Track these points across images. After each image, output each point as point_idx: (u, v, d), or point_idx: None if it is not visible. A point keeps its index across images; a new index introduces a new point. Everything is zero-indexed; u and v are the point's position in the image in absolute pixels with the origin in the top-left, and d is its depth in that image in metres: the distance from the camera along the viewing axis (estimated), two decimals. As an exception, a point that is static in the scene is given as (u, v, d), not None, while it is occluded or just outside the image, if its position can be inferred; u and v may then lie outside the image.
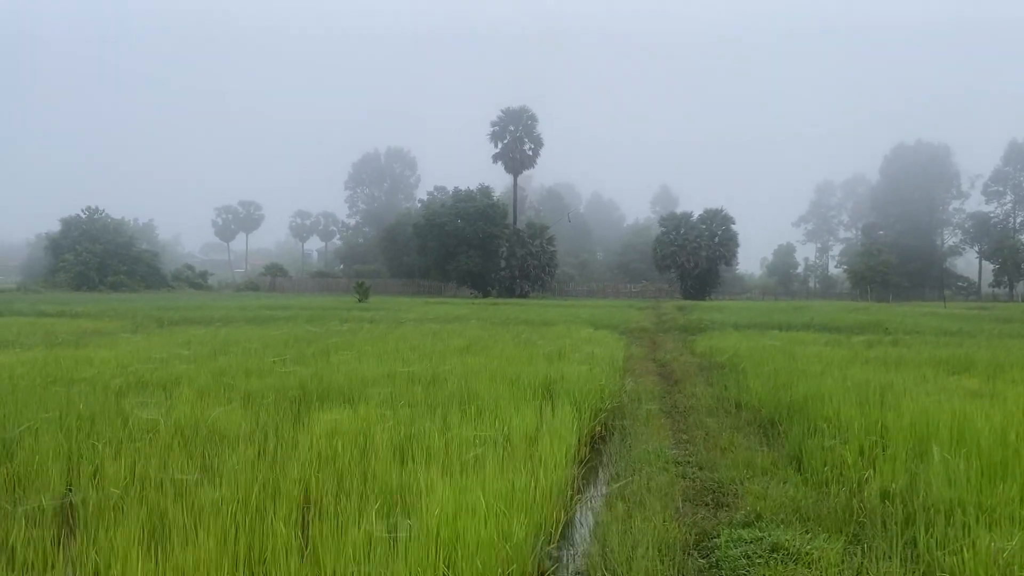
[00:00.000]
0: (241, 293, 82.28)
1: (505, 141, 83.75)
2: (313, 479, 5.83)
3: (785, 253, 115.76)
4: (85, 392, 9.37)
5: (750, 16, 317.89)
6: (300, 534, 4.60)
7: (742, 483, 6.70)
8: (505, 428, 7.68)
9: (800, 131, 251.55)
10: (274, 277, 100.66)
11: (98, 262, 78.41)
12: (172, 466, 6.11)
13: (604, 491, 6.71)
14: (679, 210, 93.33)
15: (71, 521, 5.17)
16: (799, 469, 7.21)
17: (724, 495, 6.48)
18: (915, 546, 4.99)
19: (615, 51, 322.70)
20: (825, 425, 8.22)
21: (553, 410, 8.57)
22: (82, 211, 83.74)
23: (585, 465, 7.98)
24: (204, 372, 11.37)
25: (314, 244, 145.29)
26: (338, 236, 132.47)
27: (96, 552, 4.35)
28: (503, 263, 79.73)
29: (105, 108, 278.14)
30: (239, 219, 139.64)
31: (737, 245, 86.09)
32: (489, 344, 16.95)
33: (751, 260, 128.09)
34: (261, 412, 8.51)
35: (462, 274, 79.54)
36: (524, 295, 78.07)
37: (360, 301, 49.62)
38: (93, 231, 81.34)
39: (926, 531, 5.05)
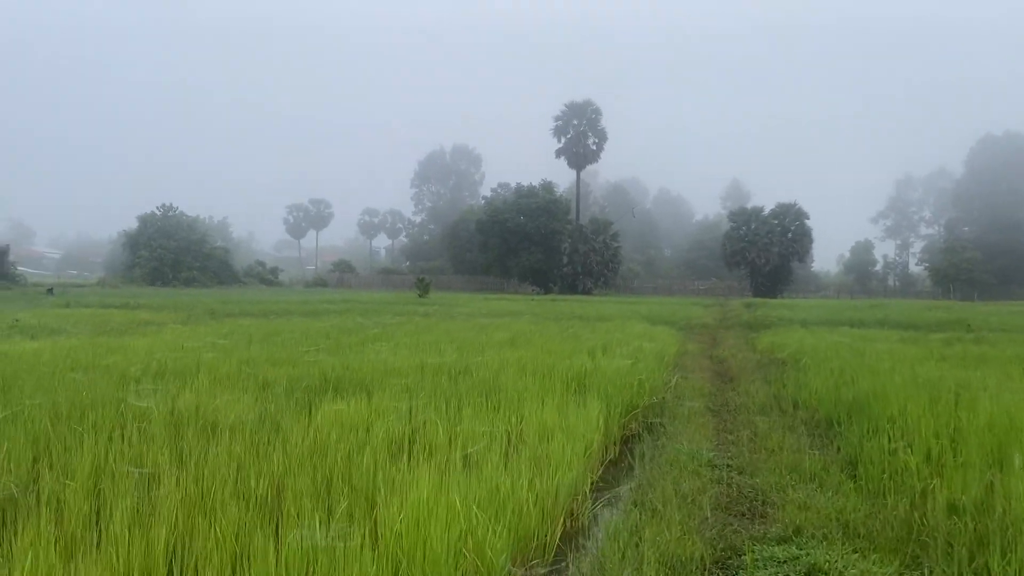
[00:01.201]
0: (309, 289, 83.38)
1: (568, 136, 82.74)
2: (291, 476, 5.22)
3: (863, 250, 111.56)
4: (98, 379, 9.02)
5: (824, 4, 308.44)
6: (235, 542, 3.96)
7: (784, 490, 5.83)
8: (520, 423, 6.96)
9: (878, 124, 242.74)
10: (342, 273, 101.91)
11: (172, 258, 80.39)
12: (145, 458, 5.58)
13: (624, 496, 5.93)
14: (750, 205, 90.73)
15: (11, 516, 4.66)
16: (853, 476, 6.29)
17: (762, 504, 5.63)
18: (987, 574, 4.09)
19: (683, 43, 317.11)
20: (888, 426, 7.25)
21: (580, 405, 7.81)
22: (157, 208, 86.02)
23: (612, 465, 7.21)
24: (230, 361, 10.96)
25: (382, 241, 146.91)
26: (404, 233, 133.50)
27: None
28: (565, 259, 78.71)
29: (184, 109, 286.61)
30: (310, 217, 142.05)
31: (811, 241, 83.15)
32: (533, 338, 16.23)
33: (826, 257, 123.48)
34: (271, 401, 7.99)
35: (523, 270, 78.89)
36: (587, 292, 76.88)
37: (420, 296, 49.43)
38: (167, 228, 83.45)
39: (1002, 556, 4.13)
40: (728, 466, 6.77)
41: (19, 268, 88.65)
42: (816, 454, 7.02)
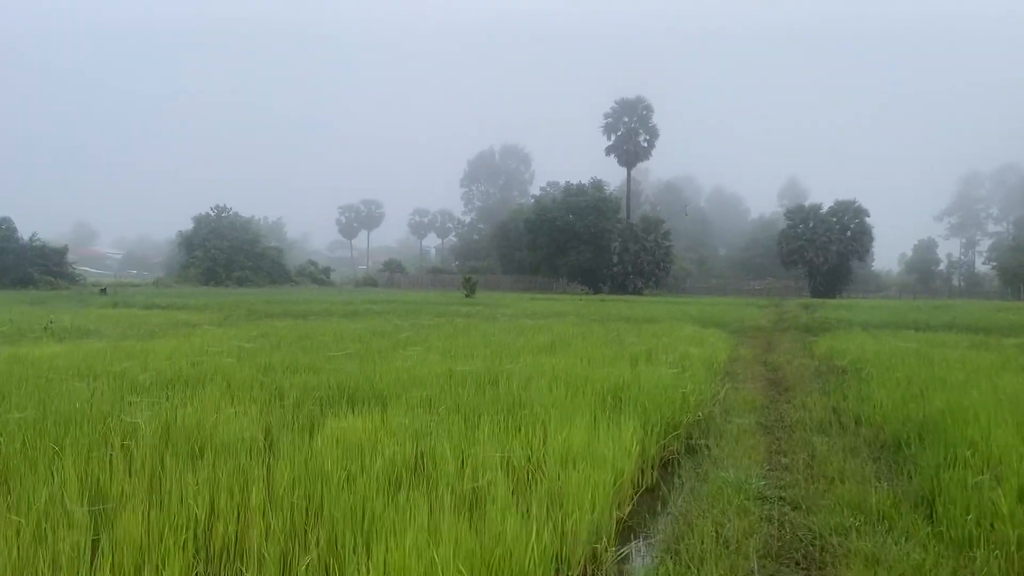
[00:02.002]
0: (359, 288, 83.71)
1: (619, 133, 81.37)
2: (267, 514, 4.52)
3: (926, 249, 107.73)
4: (102, 387, 8.51)
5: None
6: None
7: (847, 534, 4.94)
8: (543, 445, 6.17)
9: (940, 118, 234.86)
10: (392, 273, 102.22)
11: (225, 258, 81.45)
12: (110, 489, 4.94)
13: (656, 540, 5.09)
14: (808, 203, 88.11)
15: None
16: (930, 516, 5.35)
17: (820, 551, 4.75)
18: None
19: (738, 39, 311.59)
20: (969, 453, 6.27)
21: (613, 424, 6.97)
22: (211, 209, 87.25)
23: (648, 494, 6.37)
24: (248, 367, 10.40)
25: (432, 241, 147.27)
26: (454, 233, 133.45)
27: None
28: (615, 259, 77.33)
29: (246, 114, 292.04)
30: (361, 217, 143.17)
31: (872, 240, 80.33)
32: (574, 342, 15.39)
33: (887, 256, 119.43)
34: (277, 415, 7.35)
35: (572, 270, 77.81)
36: (637, 292, 75.51)
37: (467, 296, 48.91)
38: (221, 228, 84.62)
39: None
40: (781, 499, 5.88)
41: (81, 268, 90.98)
42: (884, 486, 6.08)
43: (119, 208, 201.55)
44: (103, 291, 44.26)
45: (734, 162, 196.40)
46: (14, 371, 9.45)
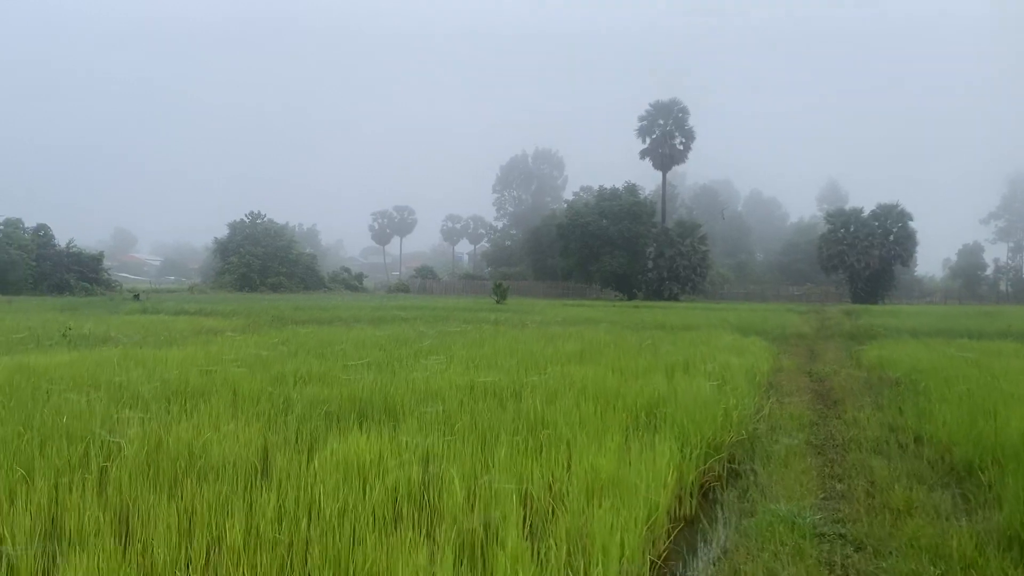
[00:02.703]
0: (391, 294, 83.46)
1: (654, 136, 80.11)
2: (246, 554, 3.86)
3: (971, 253, 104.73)
4: (100, 400, 7.96)
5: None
6: None
7: (928, 587, 4.14)
8: (567, 471, 5.44)
9: (987, 117, 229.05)
10: (424, 279, 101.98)
11: (259, 264, 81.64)
12: (69, 523, 4.31)
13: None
14: (848, 206, 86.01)
15: None
16: (1024, 562, 4.52)
17: (897, 610, 3.96)
18: None
19: (774, 39, 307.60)
20: (1060, 484, 5.41)
21: (647, 446, 6.22)
22: (246, 216, 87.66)
23: (687, 527, 5.60)
24: (259, 377, 9.80)
25: (465, 247, 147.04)
26: (486, 239, 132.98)
27: None
28: (650, 264, 76.06)
29: (283, 122, 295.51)
30: (394, 223, 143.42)
31: (915, 244, 78.06)
32: (605, 351, 14.62)
33: (931, 261, 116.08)
34: (279, 432, 6.72)
35: (606, 275, 76.69)
36: (673, 298, 74.17)
37: (498, 302, 48.23)
38: (255, 235, 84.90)
39: None
40: (840, 537, 5.09)
41: (120, 275, 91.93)
42: (964, 523, 5.24)
43: (158, 215, 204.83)
44: (136, 297, 44.36)
45: (772, 165, 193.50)
46: (14, 381, 8.96)
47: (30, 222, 60.17)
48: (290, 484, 5.04)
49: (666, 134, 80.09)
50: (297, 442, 6.47)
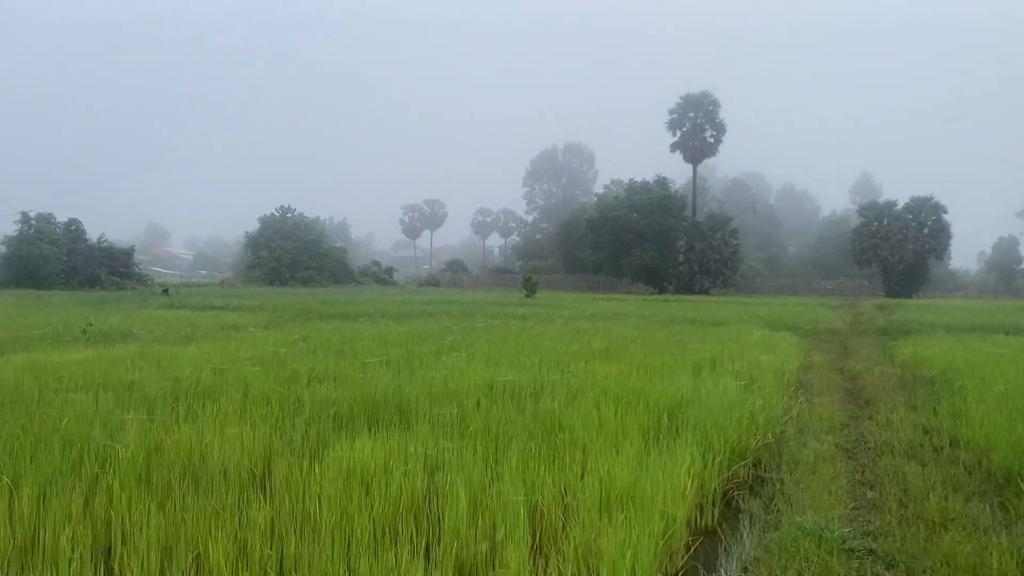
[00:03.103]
0: (421, 288, 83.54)
1: (684, 129, 79.14)
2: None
3: (1007, 247, 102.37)
4: (106, 399, 7.85)
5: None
6: None
7: (966, 613, 3.82)
8: (582, 479, 5.19)
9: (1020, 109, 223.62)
10: (454, 273, 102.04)
11: (290, 258, 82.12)
12: (49, 536, 4.15)
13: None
14: (882, 199, 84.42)
15: None
16: (1073, 587, 4.18)
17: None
18: None
19: (806, 32, 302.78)
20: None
21: (667, 452, 5.94)
22: (276, 210, 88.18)
23: (708, 538, 5.32)
24: (273, 376, 9.67)
25: (495, 241, 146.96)
26: (517, 233, 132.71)
27: None
28: (681, 258, 75.25)
29: (315, 118, 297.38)
30: (424, 217, 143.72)
31: (950, 237, 76.45)
32: (632, 348, 14.31)
33: (966, 255, 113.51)
34: (287, 435, 6.54)
35: (636, 269, 76.05)
36: (704, 292, 73.35)
37: (527, 296, 47.97)
38: (286, 229, 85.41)
39: None
40: (871, 553, 4.77)
41: (152, 268, 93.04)
42: (1004, 539, 4.90)
43: (191, 209, 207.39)
44: (165, 292, 44.74)
45: (804, 158, 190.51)
46: (22, 380, 8.88)
47: (65, 217, 61.09)
48: (288, 494, 4.84)
49: (696, 127, 79.11)
50: (304, 446, 6.28)
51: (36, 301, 32.20)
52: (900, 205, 77.31)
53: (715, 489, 5.86)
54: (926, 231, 75.48)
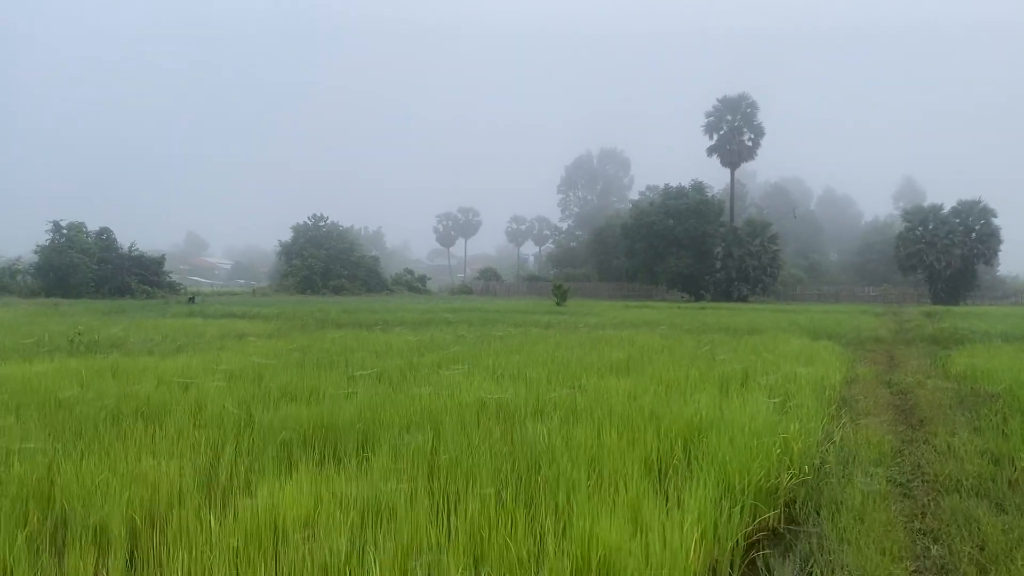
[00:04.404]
0: (453, 296, 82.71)
1: (721, 132, 77.36)
2: None
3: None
4: (11, 426, 6.79)
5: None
6: None
7: None
8: (560, 542, 3.96)
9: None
10: (487, 281, 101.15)
11: (322, 267, 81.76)
12: None
13: None
14: (927, 204, 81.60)
15: None
16: None
17: None
18: None
19: (846, 31, 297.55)
20: None
21: (673, 501, 4.69)
22: (309, 218, 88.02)
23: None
24: (238, 392, 8.58)
25: (530, 248, 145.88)
26: (551, 240, 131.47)
27: None
28: (718, 264, 73.36)
29: (354, 127, 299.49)
30: (458, 225, 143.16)
31: (999, 242, 73.49)
32: (655, 359, 13.02)
33: (1016, 260, 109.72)
34: (207, 470, 5.44)
35: (672, 276, 74.31)
36: (742, 299, 71.38)
37: (558, 304, 46.73)
38: (318, 237, 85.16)
39: None
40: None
41: (191, 277, 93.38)
42: None
43: (230, 219, 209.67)
44: (191, 300, 44.32)
45: (845, 163, 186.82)
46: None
47: (113, 229, 61.31)
48: (168, 558, 3.70)
49: (734, 130, 77.35)
50: (230, 482, 5.16)
51: (52, 310, 31.74)
52: (946, 209, 74.69)
53: (734, 546, 4.58)
54: (974, 235, 72.74)
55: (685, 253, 73.10)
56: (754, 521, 4.98)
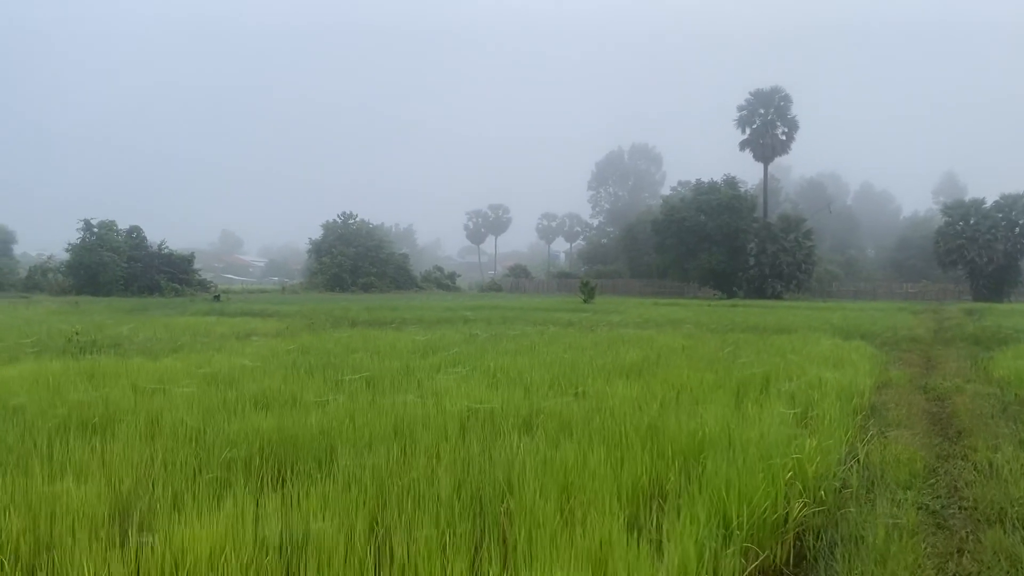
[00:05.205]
0: (483, 293, 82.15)
1: (754, 126, 75.68)
2: None
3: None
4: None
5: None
6: None
7: None
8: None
9: None
10: (517, 278, 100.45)
11: (351, 264, 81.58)
12: None
13: None
14: (968, 198, 79.20)
15: None
16: None
17: None
18: None
19: (881, 22, 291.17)
20: None
21: (656, 539, 3.93)
22: (338, 216, 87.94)
23: None
24: (206, 402, 7.93)
25: (560, 245, 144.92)
26: (582, 237, 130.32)
27: None
28: (751, 260, 71.77)
29: (387, 127, 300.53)
30: (488, 222, 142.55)
31: (1045, 237, 71.15)
32: (672, 361, 12.22)
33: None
34: (129, 496, 4.81)
35: (703, 273, 72.91)
36: (776, 296, 69.73)
37: (585, 301, 45.88)
38: (347, 235, 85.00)
39: None
40: None
41: (225, 276, 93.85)
42: None
43: (265, 217, 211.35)
44: (216, 298, 44.21)
45: (883, 157, 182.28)
46: None
47: (150, 229, 61.79)
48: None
49: (767, 124, 75.68)
50: (149, 510, 4.50)
51: (73, 308, 31.65)
52: (988, 203, 72.32)
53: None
54: (1018, 230, 70.39)
55: (717, 249, 71.67)
56: (753, 564, 4.20)
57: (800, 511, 4.98)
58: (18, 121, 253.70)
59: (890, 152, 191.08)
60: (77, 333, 14.68)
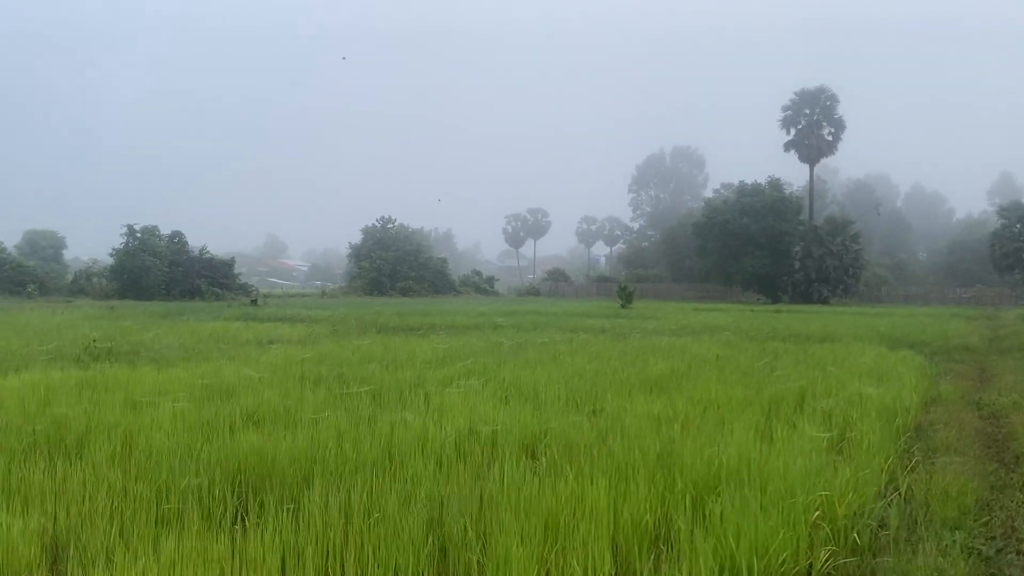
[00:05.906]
0: (520, 298, 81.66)
1: (799, 126, 73.93)
2: None
3: None
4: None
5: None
6: None
7: None
8: None
9: None
10: (555, 282, 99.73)
11: (390, 268, 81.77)
12: None
13: None
14: (1025, 199, 76.54)
15: None
16: None
17: None
18: None
19: (932, 20, 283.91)
20: None
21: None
22: (377, 221, 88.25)
23: None
24: (193, 418, 7.49)
25: (600, 249, 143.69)
26: (622, 240, 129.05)
27: None
28: (797, 264, 69.97)
29: (429, 132, 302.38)
30: (527, 226, 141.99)
31: (1111, 238, 68.29)
32: (702, 373, 11.51)
33: None
34: (67, 533, 4.33)
35: (747, 277, 71.36)
36: (823, 301, 67.86)
37: (623, 307, 45.03)
38: (386, 239, 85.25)
39: None
40: None
41: (269, 280, 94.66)
42: None
43: (309, 221, 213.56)
44: (253, 302, 44.37)
45: (935, 158, 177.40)
46: None
47: (195, 235, 62.63)
48: None
49: (813, 124, 73.91)
50: (85, 551, 4.01)
51: (108, 312, 31.86)
52: (1047, 204, 69.72)
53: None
54: (1078, 232, 67.69)
55: (761, 253, 70.10)
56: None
57: (827, 561, 4.31)
58: (69, 130, 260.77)
59: (942, 152, 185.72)
60: (95, 341, 14.45)
